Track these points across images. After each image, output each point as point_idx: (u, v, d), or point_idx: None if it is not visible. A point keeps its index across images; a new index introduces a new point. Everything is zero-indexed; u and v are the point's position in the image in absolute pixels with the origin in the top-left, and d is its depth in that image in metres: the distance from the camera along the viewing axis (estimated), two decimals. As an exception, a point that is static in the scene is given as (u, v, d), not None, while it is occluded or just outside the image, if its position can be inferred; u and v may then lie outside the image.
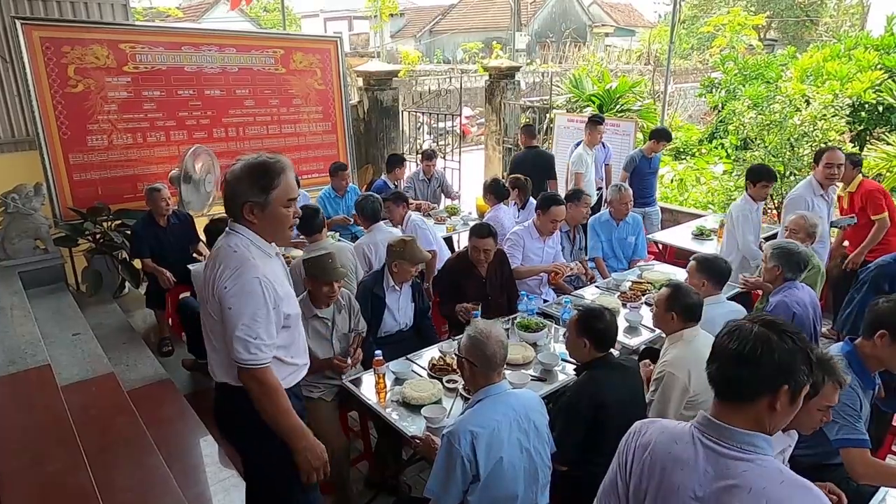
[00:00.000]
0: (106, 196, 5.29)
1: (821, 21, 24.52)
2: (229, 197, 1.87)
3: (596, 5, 31.99)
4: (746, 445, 1.29)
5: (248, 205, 1.84)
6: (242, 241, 1.86)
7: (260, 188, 1.83)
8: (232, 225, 1.90)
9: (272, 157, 1.87)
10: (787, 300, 3.20)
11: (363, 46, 24.33)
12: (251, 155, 1.90)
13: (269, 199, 1.84)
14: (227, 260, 1.82)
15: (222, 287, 1.79)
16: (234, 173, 1.85)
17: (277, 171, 1.84)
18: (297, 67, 6.41)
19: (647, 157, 5.96)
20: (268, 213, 1.85)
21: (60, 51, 4.98)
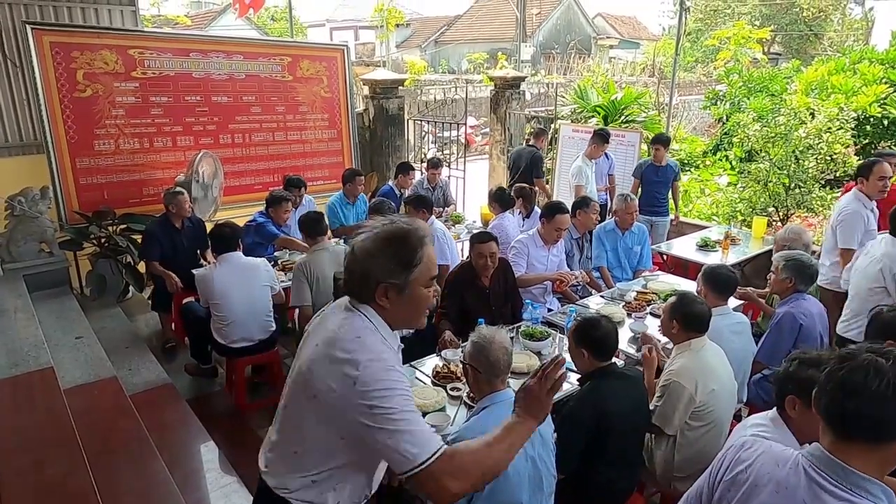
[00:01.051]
0: (112, 200, 5.30)
1: (825, 35, 24.61)
2: (359, 276, 1.48)
3: (601, 17, 32.18)
4: (859, 490, 1.23)
5: (383, 286, 1.47)
6: (369, 327, 1.48)
7: (400, 266, 1.47)
8: (355, 305, 1.51)
9: (410, 225, 1.51)
10: (794, 311, 3.18)
11: (369, 56, 24.48)
12: (381, 221, 1.53)
13: (409, 279, 1.47)
14: (356, 352, 1.41)
15: (352, 385, 1.38)
16: (366, 249, 1.47)
17: (419, 242, 1.49)
18: (303, 75, 6.45)
19: (654, 164, 5.95)
20: (405, 297, 1.48)
21: (70, 56, 5.02)
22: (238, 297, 3.73)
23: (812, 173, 6.73)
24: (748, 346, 3.11)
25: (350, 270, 1.50)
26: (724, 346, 2.77)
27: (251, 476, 3.00)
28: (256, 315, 3.83)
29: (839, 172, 7.09)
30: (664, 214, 6.08)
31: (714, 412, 2.55)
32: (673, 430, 2.56)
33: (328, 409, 1.42)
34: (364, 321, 1.48)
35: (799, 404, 1.86)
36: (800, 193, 6.78)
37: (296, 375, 1.52)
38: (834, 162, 6.92)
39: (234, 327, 3.76)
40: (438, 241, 4.46)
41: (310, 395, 1.44)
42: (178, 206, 4.48)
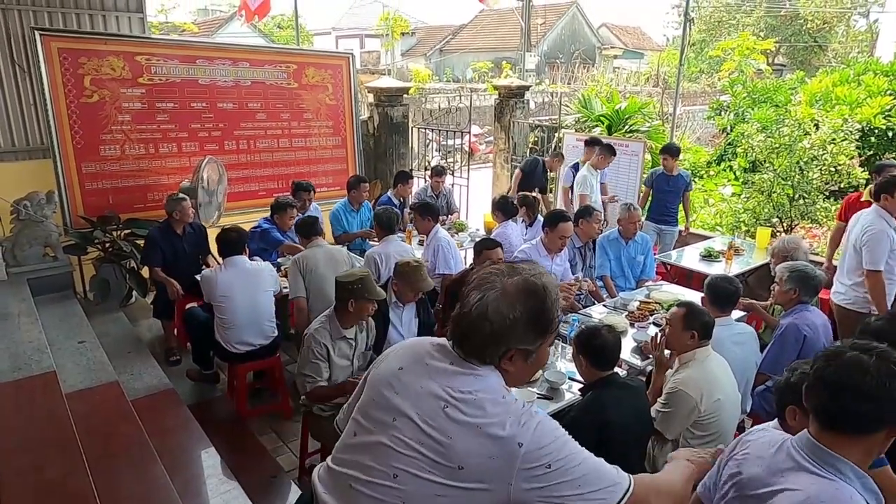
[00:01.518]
0: (116, 205, 5.33)
1: (829, 47, 24.65)
2: (490, 339, 1.28)
3: (605, 28, 32.32)
4: (829, 467, 1.33)
5: (512, 352, 1.30)
6: (503, 385, 1.32)
7: (538, 332, 1.30)
8: (471, 363, 1.31)
9: (542, 280, 1.32)
10: (799, 323, 3.17)
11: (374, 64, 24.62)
12: (506, 270, 1.34)
13: (541, 345, 1.33)
14: (506, 413, 1.25)
15: (518, 447, 1.21)
16: (501, 311, 1.27)
17: (555, 304, 1.32)
18: (309, 82, 6.48)
19: (665, 174, 5.97)
20: (532, 360, 1.34)
21: (77, 62, 5.06)
22: (241, 299, 3.75)
23: (816, 184, 6.72)
24: (751, 357, 3.10)
25: (476, 331, 1.28)
26: (726, 357, 2.76)
27: (251, 483, 3.00)
28: (259, 318, 3.84)
29: (843, 184, 7.07)
30: (673, 224, 6.09)
31: (718, 422, 2.54)
32: (672, 436, 2.56)
33: (480, 479, 1.22)
34: (498, 379, 1.32)
35: (799, 415, 1.85)
36: (804, 204, 6.77)
37: (415, 443, 1.26)
38: (838, 173, 6.91)
39: (236, 330, 3.77)
40: (443, 251, 4.47)
41: (453, 468, 1.23)
42: (182, 213, 4.49)
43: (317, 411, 3.07)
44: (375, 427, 1.33)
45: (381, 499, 1.28)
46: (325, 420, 3.05)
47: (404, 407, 1.30)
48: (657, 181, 6.04)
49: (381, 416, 1.33)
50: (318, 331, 3.01)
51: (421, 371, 1.34)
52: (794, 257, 3.70)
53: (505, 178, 8.66)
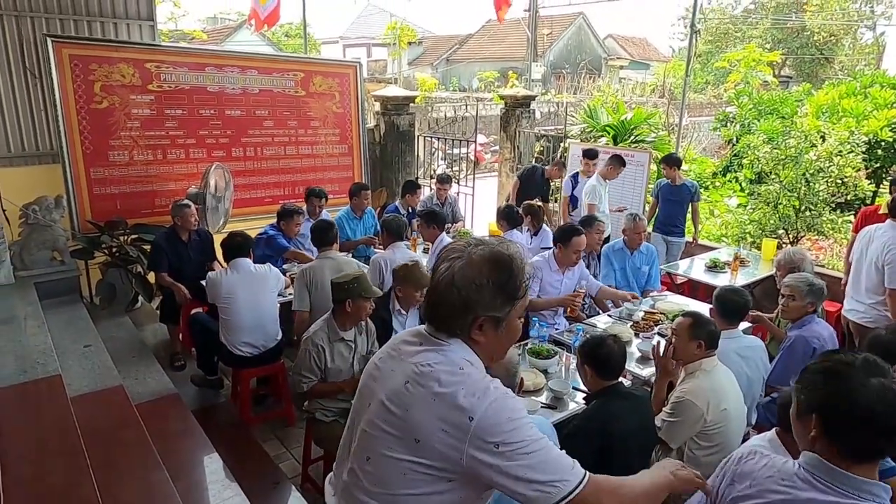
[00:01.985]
0: (124, 211, 5.36)
1: (836, 59, 24.66)
2: (458, 307, 1.29)
3: (611, 38, 32.44)
4: (865, 494, 1.26)
5: (481, 320, 1.30)
6: (469, 360, 1.32)
7: (506, 297, 1.30)
8: (440, 338, 1.33)
9: (509, 249, 1.33)
10: (807, 335, 3.17)
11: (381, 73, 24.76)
12: (470, 242, 1.34)
13: (510, 311, 1.32)
14: (460, 384, 1.25)
15: (468, 424, 1.21)
16: (468, 276, 1.28)
17: (524, 270, 1.32)
18: (316, 90, 6.53)
19: (672, 185, 5.99)
20: (501, 330, 1.33)
21: (88, 68, 5.11)
22: (245, 301, 3.77)
23: (822, 196, 6.71)
24: (758, 370, 3.08)
25: (444, 300, 1.30)
26: (733, 368, 2.76)
27: (254, 489, 3.00)
28: (263, 321, 3.86)
29: (850, 196, 7.06)
30: (680, 235, 6.09)
31: (723, 433, 2.53)
32: (676, 445, 2.56)
33: (436, 453, 1.24)
34: (463, 353, 1.32)
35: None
36: (810, 216, 6.76)
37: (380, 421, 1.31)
38: (845, 185, 6.90)
39: (240, 332, 3.79)
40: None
41: (409, 440, 1.26)
42: (184, 219, 4.53)
43: (320, 417, 3.07)
44: (356, 417, 1.42)
45: (361, 483, 1.34)
46: (328, 426, 3.05)
47: (377, 391, 1.36)
48: (662, 191, 6.08)
49: (360, 405, 1.42)
50: (317, 333, 3.03)
51: (394, 355, 1.40)
52: (802, 268, 3.69)
53: (510, 186, 8.67)
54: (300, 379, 3.01)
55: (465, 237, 4.67)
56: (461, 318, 1.30)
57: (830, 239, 7.14)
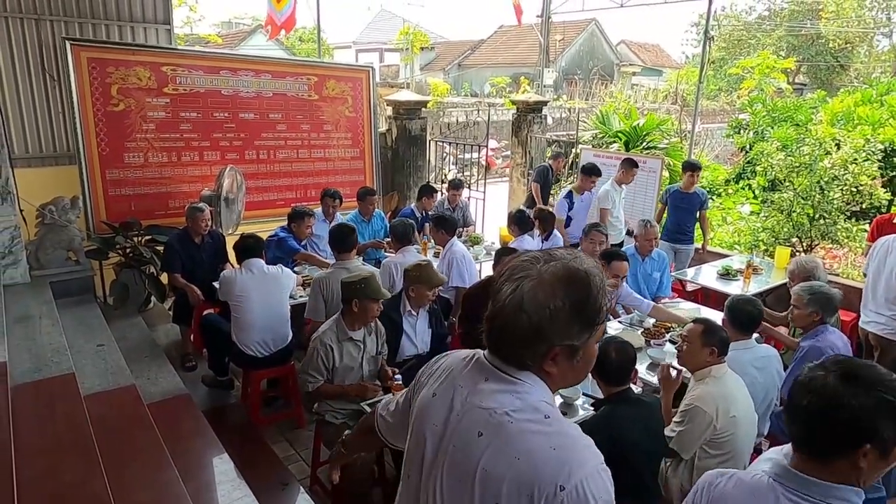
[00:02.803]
0: (138, 212, 5.42)
1: (851, 67, 24.44)
2: (529, 335, 1.09)
3: (624, 45, 32.36)
4: (836, 500, 1.21)
5: (556, 350, 1.11)
6: (546, 401, 1.14)
7: (584, 323, 1.10)
8: (509, 372, 1.14)
9: (585, 266, 1.12)
10: (821, 345, 3.13)
11: (393, 77, 24.88)
12: (541, 256, 1.15)
13: (588, 340, 1.12)
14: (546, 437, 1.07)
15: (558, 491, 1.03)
16: (539, 300, 1.08)
17: (601, 292, 1.12)
18: (329, 94, 6.57)
19: (682, 192, 5.91)
20: (577, 360, 1.14)
21: (105, 71, 5.19)
22: (257, 299, 3.80)
23: (837, 204, 6.64)
24: (773, 378, 3.05)
25: (511, 328, 1.10)
26: (747, 381, 2.74)
27: (263, 490, 3.01)
28: (274, 321, 3.88)
29: (865, 204, 6.98)
30: (689, 242, 6.00)
31: (733, 441, 2.50)
32: (688, 455, 2.53)
33: None
34: (541, 393, 1.13)
35: None
36: (824, 224, 6.68)
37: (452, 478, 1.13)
38: (860, 193, 6.83)
39: (251, 330, 3.82)
40: (457, 264, 4.48)
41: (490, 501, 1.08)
42: (195, 223, 4.57)
43: (329, 419, 3.08)
44: (414, 470, 1.23)
45: None
46: (337, 428, 3.06)
47: (444, 439, 1.17)
48: (672, 198, 5.98)
49: (418, 455, 1.22)
50: (325, 333, 3.05)
51: (452, 394, 1.20)
52: (816, 277, 3.66)
53: (521, 191, 8.67)
54: (307, 378, 3.03)
55: (476, 241, 4.64)
56: (532, 349, 1.11)
57: (845, 247, 7.06)
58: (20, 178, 4.71)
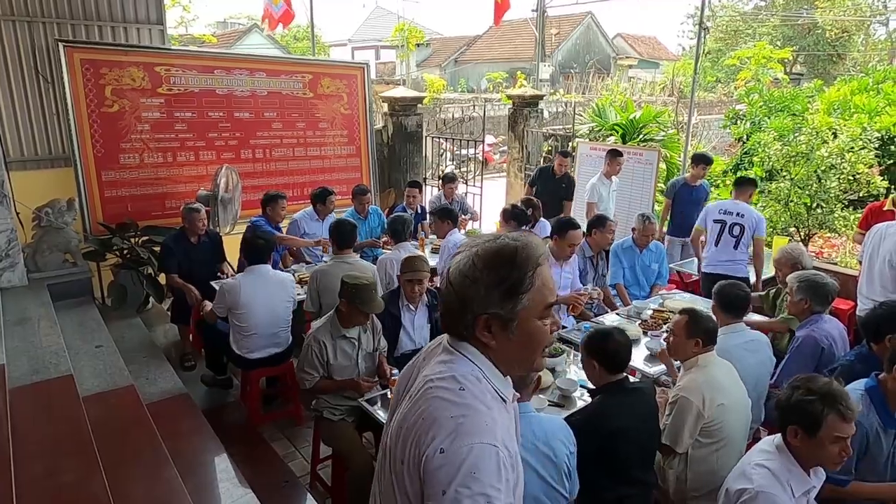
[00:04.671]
0: (135, 213, 5.42)
1: (848, 56, 24.39)
2: (456, 307, 1.18)
3: (620, 38, 32.30)
4: None
5: (483, 318, 1.15)
6: (474, 373, 1.16)
7: (504, 292, 1.14)
8: (454, 344, 1.21)
9: (518, 240, 1.18)
10: (816, 335, 3.12)
11: (389, 74, 24.83)
12: (483, 238, 1.21)
13: (516, 308, 1.15)
14: (448, 405, 1.11)
15: (431, 450, 1.07)
16: (463, 272, 1.16)
17: (528, 262, 1.15)
18: (324, 92, 6.56)
19: (689, 185, 5.82)
20: (513, 331, 1.16)
21: (99, 72, 5.18)
22: (262, 308, 3.78)
23: (834, 193, 6.63)
24: (764, 364, 3.05)
25: (446, 301, 1.21)
26: (737, 365, 2.73)
27: (263, 488, 3.02)
28: (276, 327, 3.87)
29: (862, 193, 6.97)
30: None
31: (724, 428, 2.50)
32: (683, 448, 2.52)
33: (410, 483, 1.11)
34: (467, 365, 1.17)
35: (801, 433, 1.91)
36: (822, 213, 6.68)
37: (392, 433, 1.21)
38: (857, 182, 6.82)
39: (254, 339, 3.80)
40: (449, 253, 4.48)
41: (398, 460, 1.16)
42: (191, 223, 4.55)
43: (328, 416, 3.09)
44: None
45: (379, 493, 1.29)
46: (336, 425, 3.07)
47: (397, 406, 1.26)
48: (680, 193, 5.82)
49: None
50: (320, 329, 3.05)
51: (414, 366, 1.31)
52: (801, 264, 3.65)
53: (519, 186, 8.66)
54: (304, 376, 3.03)
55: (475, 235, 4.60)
56: (461, 318, 1.17)
57: (843, 236, 7.06)
58: (16, 181, 4.70)
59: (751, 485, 1.91)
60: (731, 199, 5.04)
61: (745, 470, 1.99)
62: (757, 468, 1.95)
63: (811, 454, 1.93)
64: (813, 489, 2.00)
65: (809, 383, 1.95)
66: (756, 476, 1.92)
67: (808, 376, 2.02)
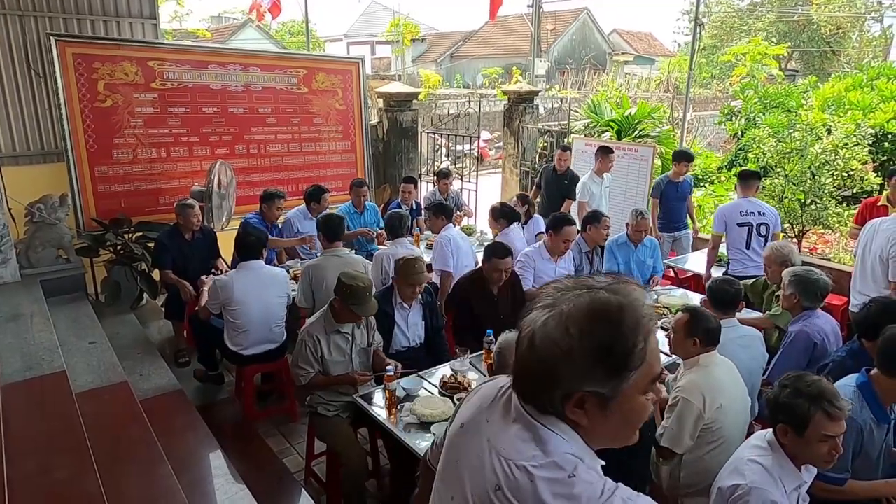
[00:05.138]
0: (128, 208, 5.39)
1: (843, 52, 24.45)
2: (541, 378, 0.97)
3: (616, 34, 32.30)
4: None
5: (578, 396, 0.95)
6: (571, 452, 0.97)
7: (609, 367, 0.93)
8: (534, 415, 1.00)
9: (622, 296, 0.95)
10: (808, 330, 3.13)
11: (385, 70, 24.78)
12: (572, 283, 0.99)
13: (621, 387, 0.94)
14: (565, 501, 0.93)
15: None
16: (553, 338, 0.94)
17: (638, 329, 0.93)
18: (319, 87, 6.53)
19: (673, 181, 5.87)
20: (612, 409, 0.96)
21: (92, 67, 5.14)
22: (256, 305, 3.77)
23: (828, 189, 6.66)
24: (756, 360, 3.07)
25: (526, 367, 0.98)
26: (733, 359, 2.73)
27: (258, 484, 3.01)
28: (270, 323, 3.86)
29: (856, 189, 7.01)
30: (685, 228, 6.04)
31: (722, 429, 2.50)
32: (683, 450, 2.51)
33: None
34: (562, 444, 0.97)
35: (791, 432, 1.93)
36: (816, 210, 6.71)
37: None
38: (851, 178, 6.85)
39: (248, 335, 3.79)
40: (441, 247, 4.48)
41: None
42: (186, 220, 4.53)
43: (322, 412, 3.08)
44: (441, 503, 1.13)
45: None
46: (330, 421, 3.07)
47: (463, 480, 1.06)
48: (667, 190, 5.89)
49: (444, 489, 1.13)
50: (313, 325, 3.04)
51: (479, 431, 1.08)
52: (791, 261, 3.66)
53: (514, 182, 8.66)
54: (298, 372, 3.02)
55: (468, 231, 4.63)
56: (548, 393, 0.96)
57: (836, 232, 7.10)
58: (7, 177, 4.67)
59: (744, 480, 1.92)
60: (738, 195, 4.92)
61: (738, 466, 2.00)
62: (749, 464, 1.96)
63: (801, 452, 1.94)
64: (804, 484, 2.01)
65: (797, 382, 1.96)
66: (748, 472, 1.94)
67: (797, 374, 2.03)
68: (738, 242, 4.72)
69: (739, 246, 4.71)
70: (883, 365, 2.28)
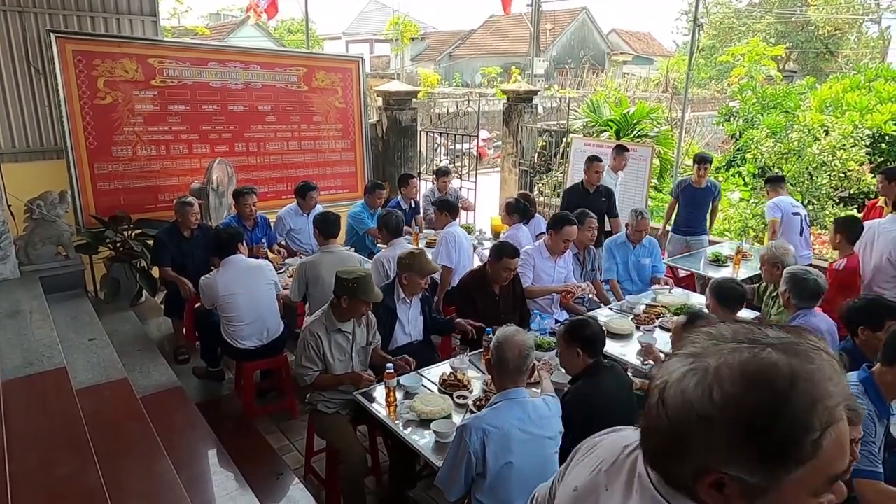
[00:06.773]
0: (127, 205, 5.39)
1: (841, 53, 24.50)
2: (667, 443, 0.77)
3: (615, 34, 32.31)
4: None
5: (715, 476, 0.73)
6: None
7: (761, 454, 0.70)
8: (668, 495, 0.82)
9: (801, 364, 0.72)
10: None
11: (384, 68, 24.76)
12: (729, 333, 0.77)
13: (781, 481, 0.71)
14: None
15: None
16: (688, 396, 0.74)
17: (816, 412, 0.71)
18: (318, 86, 6.54)
19: (694, 186, 5.72)
20: None
21: (92, 63, 5.14)
22: (243, 296, 3.79)
23: (825, 190, 6.70)
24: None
25: (653, 423, 0.78)
26: None
27: (257, 480, 3.03)
28: (262, 314, 3.88)
29: (853, 190, 7.05)
30: (701, 233, 5.83)
31: None
32: None
33: None
34: None
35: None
36: (813, 210, 6.74)
37: None
38: (848, 179, 6.89)
39: (242, 327, 3.82)
40: (445, 243, 4.50)
41: None
42: (184, 217, 4.54)
43: (322, 409, 3.10)
44: None
45: None
46: (330, 418, 3.08)
47: None
48: (684, 194, 5.76)
49: None
50: (314, 323, 3.05)
51: (597, 501, 0.94)
52: (785, 262, 3.69)
53: (513, 181, 8.67)
54: (303, 371, 3.02)
55: (467, 230, 4.63)
56: (676, 463, 0.77)
57: (834, 233, 7.11)
58: (7, 173, 4.67)
59: None
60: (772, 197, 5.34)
61: None
62: None
63: None
64: None
65: None
66: None
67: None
68: (794, 228, 5.14)
69: (795, 231, 5.13)
70: (888, 358, 2.31)
